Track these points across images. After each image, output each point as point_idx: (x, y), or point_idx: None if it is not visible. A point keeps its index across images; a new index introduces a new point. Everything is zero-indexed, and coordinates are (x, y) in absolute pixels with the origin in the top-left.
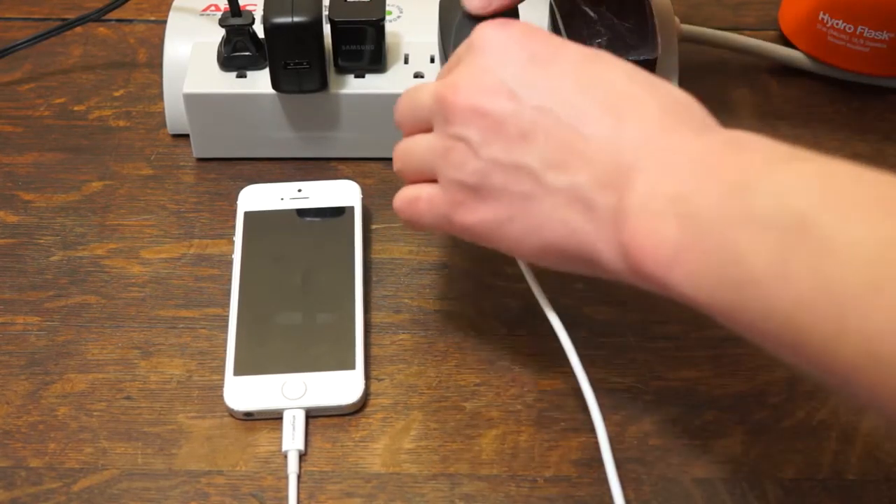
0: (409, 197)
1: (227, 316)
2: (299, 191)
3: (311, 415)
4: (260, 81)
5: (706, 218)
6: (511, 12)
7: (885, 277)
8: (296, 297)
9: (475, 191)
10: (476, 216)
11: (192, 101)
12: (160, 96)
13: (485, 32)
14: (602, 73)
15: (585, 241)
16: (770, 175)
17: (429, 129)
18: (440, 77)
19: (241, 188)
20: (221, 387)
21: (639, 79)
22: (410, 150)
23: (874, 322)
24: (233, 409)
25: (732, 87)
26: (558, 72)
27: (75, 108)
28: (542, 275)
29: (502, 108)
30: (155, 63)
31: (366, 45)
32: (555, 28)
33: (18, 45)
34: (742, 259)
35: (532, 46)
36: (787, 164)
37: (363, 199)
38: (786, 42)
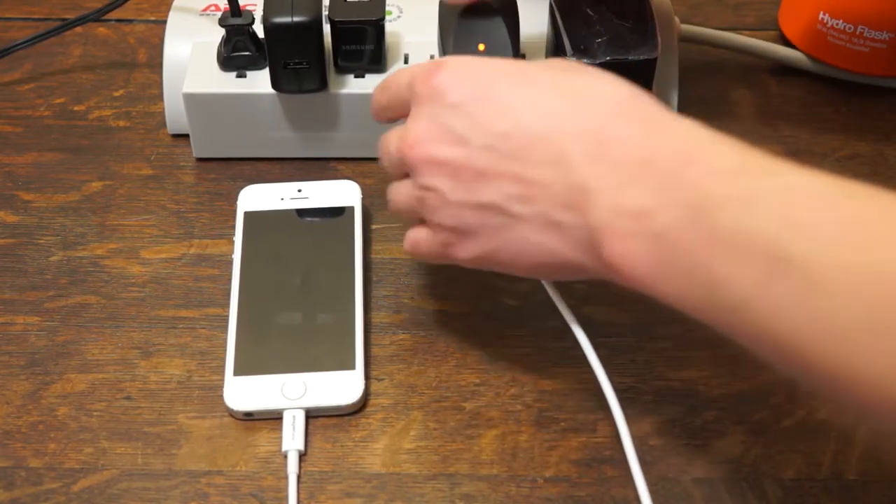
0: (411, 240)
1: (227, 316)
2: (299, 191)
3: (311, 415)
4: (260, 81)
5: (675, 238)
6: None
7: (883, 319)
8: (296, 297)
9: (457, 231)
10: (468, 252)
11: (192, 100)
12: (160, 96)
13: (419, 83)
14: (533, 95)
15: (569, 259)
16: (728, 196)
17: (407, 174)
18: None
19: (241, 188)
20: (221, 387)
21: (568, 89)
22: (397, 194)
23: (881, 367)
24: (233, 410)
25: (732, 87)
26: (494, 106)
27: (75, 108)
28: None
29: (455, 154)
30: (155, 63)
31: (366, 45)
32: (555, 28)
33: (18, 45)
34: (722, 284)
35: (465, 86)
36: (741, 181)
37: (363, 199)
38: (786, 42)
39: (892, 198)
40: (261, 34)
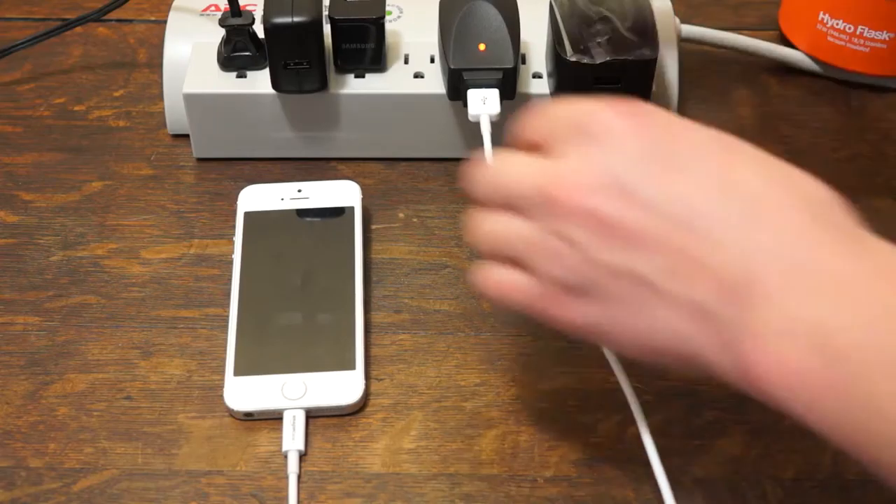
0: (497, 280)
1: (227, 316)
2: (299, 191)
3: (311, 415)
4: (260, 81)
5: (845, 356)
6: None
7: None
8: (296, 297)
9: (576, 291)
10: (581, 316)
11: (192, 101)
12: (160, 96)
13: (604, 118)
14: (733, 169)
15: (697, 351)
16: None
17: (518, 211)
18: (545, 164)
19: (241, 188)
20: (221, 387)
21: (775, 175)
22: (497, 232)
23: None
24: (233, 410)
25: (732, 87)
26: (681, 168)
27: (75, 108)
28: None
29: (616, 209)
30: (155, 63)
31: (366, 44)
32: (555, 28)
33: (18, 45)
34: (882, 412)
35: (654, 136)
36: None
37: (363, 199)
38: (786, 42)
39: None
40: (261, 34)
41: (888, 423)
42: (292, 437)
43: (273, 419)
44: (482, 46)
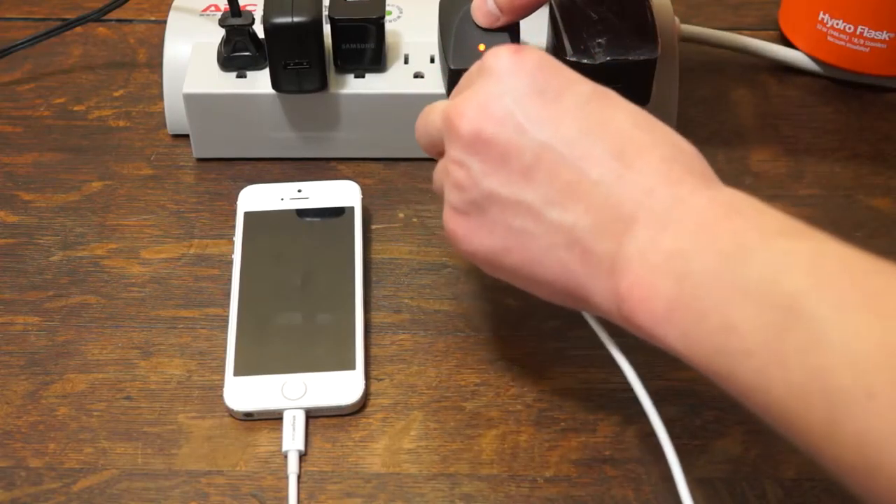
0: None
1: (227, 316)
2: (299, 191)
3: (311, 415)
4: (260, 81)
5: (701, 281)
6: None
7: (879, 384)
8: (296, 297)
9: (474, 220)
10: (476, 243)
11: (192, 101)
12: (160, 96)
13: (498, 58)
14: (609, 114)
15: (579, 283)
16: (764, 249)
17: (444, 151)
18: (451, 97)
19: (241, 188)
20: (221, 387)
21: (644, 124)
22: (435, 172)
23: (868, 427)
24: (233, 410)
25: (732, 87)
26: (566, 108)
27: (75, 108)
28: None
29: (507, 138)
30: (155, 63)
31: (366, 44)
32: (555, 28)
33: (18, 45)
34: (735, 329)
35: (544, 78)
36: (779, 240)
37: (363, 200)
38: (786, 42)
39: None
40: (261, 34)
41: (743, 342)
42: (292, 437)
43: (273, 419)
44: (482, 46)
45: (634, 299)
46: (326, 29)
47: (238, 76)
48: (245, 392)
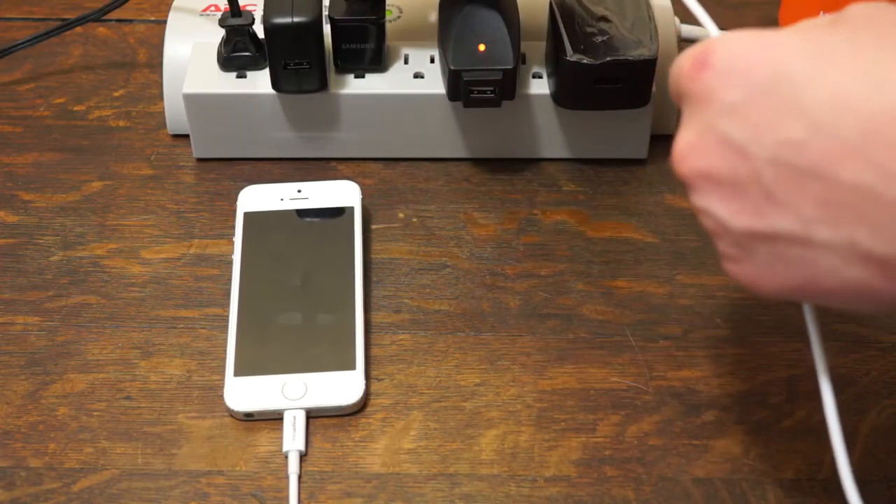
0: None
1: (227, 316)
2: (299, 191)
3: (312, 415)
4: (260, 81)
5: None
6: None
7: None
8: (296, 297)
9: (743, 262)
10: (766, 289)
11: (192, 101)
12: (160, 96)
13: (686, 81)
14: (836, 82)
15: (869, 289)
16: None
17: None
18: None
19: (241, 188)
20: (221, 387)
21: (888, 65)
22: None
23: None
24: (233, 410)
25: None
26: (781, 104)
27: (75, 108)
28: (536, 275)
29: (732, 170)
30: (155, 63)
31: (366, 44)
32: (555, 28)
33: (18, 45)
34: None
35: (740, 79)
36: None
37: (363, 200)
38: None
39: None
40: (261, 34)
41: None
42: (292, 438)
43: (273, 419)
44: (482, 47)
45: None
46: (326, 29)
47: (238, 76)
48: (245, 392)
